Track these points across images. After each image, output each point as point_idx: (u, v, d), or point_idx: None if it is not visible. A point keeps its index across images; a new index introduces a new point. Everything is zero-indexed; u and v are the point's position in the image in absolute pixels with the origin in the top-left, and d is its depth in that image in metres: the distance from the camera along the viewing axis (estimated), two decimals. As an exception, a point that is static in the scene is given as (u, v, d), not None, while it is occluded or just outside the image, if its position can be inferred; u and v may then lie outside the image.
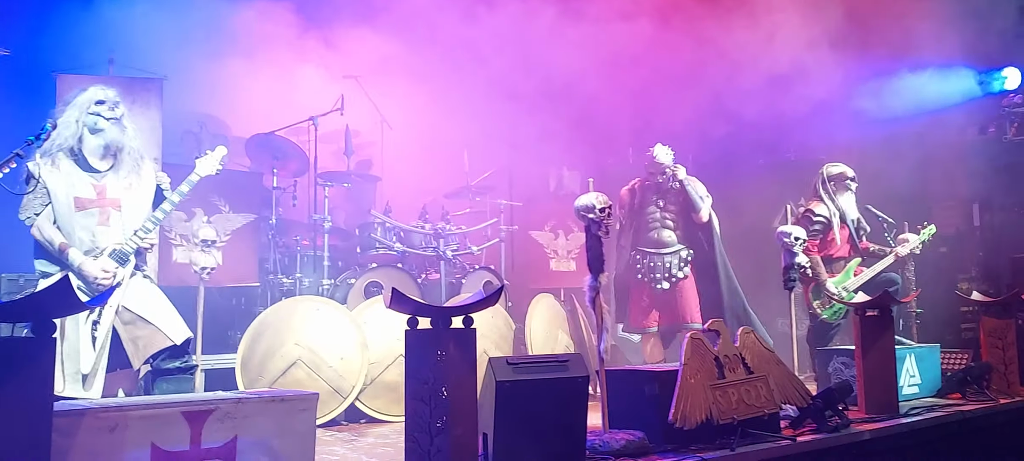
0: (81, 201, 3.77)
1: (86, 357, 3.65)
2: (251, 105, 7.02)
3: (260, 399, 3.14)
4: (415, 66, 7.80)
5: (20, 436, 2.31)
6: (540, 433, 3.48)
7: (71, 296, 2.49)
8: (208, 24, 6.90)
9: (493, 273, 6.43)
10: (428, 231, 6.26)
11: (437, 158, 7.71)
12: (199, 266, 4.82)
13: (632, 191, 6.10)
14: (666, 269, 5.89)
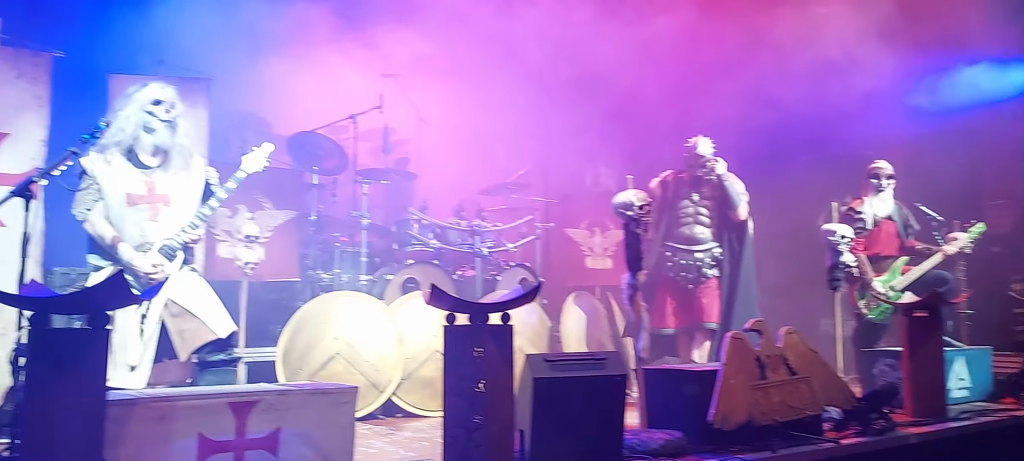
0: (132, 197, 3.87)
1: (134, 349, 3.74)
2: (293, 104, 7.13)
3: (302, 391, 3.21)
4: (452, 64, 7.85)
5: (76, 423, 2.40)
6: (577, 431, 3.49)
7: (125, 290, 2.57)
8: (252, 26, 7.02)
9: (528, 270, 6.45)
10: (464, 228, 6.30)
11: (473, 155, 7.75)
12: (242, 261, 4.92)
13: (664, 183, 5.86)
14: (696, 267, 5.71)
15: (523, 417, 3.47)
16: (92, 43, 5.92)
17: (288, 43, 7.37)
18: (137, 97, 3.94)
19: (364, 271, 6.00)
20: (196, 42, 6.21)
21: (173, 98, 4.01)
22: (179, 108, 4.02)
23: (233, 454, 2.97)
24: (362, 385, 4.85)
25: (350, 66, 7.56)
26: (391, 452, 4.05)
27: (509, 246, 6.49)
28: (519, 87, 7.49)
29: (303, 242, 6.24)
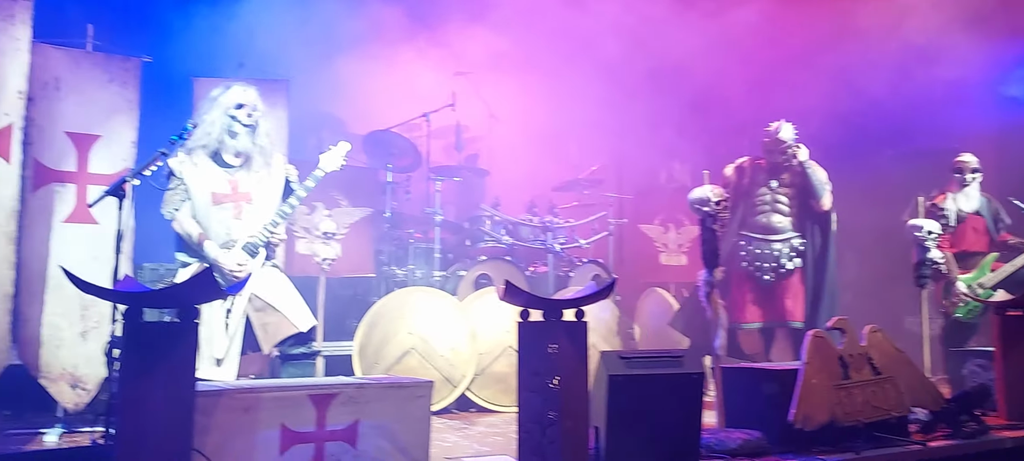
0: (217, 196, 4.00)
1: (220, 342, 3.86)
2: (367, 103, 7.25)
3: (380, 385, 3.27)
4: (524, 60, 7.86)
5: (168, 413, 2.49)
6: (653, 429, 3.45)
7: (213, 286, 2.65)
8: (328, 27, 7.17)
9: (602, 267, 6.42)
10: (536, 224, 6.31)
11: (545, 151, 7.75)
12: (320, 257, 5.04)
13: (740, 170, 5.50)
14: (774, 258, 5.34)
15: (598, 414, 3.45)
16: (177, 47, 6.14)
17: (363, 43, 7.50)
18: (221, 101, 4.06)
19: (437, 267, 6.07)
20: (275, 45, 6.38)
21: (255, 101, 4.12)
22: (260, 110, 4.13)
23: (314, 445, 3.05)
24: (436, 380, 4.89)
25: (423, 65, 7.65)
26: (465, 446, 4.08)
27: (582, 242, 6.47)
28: (592, 81, 7.44)
29: (378, 238, 6.34)
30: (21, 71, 4.29)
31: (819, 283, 5.36)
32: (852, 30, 6.95)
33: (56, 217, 4.53)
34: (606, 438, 3.44)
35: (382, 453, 3.20)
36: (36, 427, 4.43)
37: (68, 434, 4.26)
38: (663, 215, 7.28)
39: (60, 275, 4.25)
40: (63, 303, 4.50)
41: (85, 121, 4.69)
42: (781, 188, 5.41)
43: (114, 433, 2.73)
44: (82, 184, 4.63)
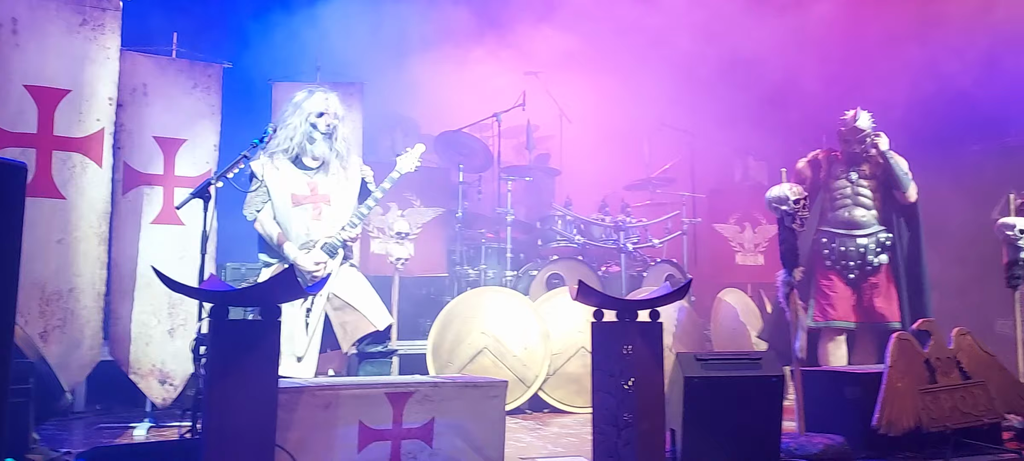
0: (297, 198, 4.09)
1: (300, 340, 3.95)
2: (439, 104, 7.32)
3: (455, 384, 3.29)
4: (594, 58, 7.83)
5: (252, 409, 2.56)
6: (731, 432, 3.40)
7: (294, 285, 2.72)
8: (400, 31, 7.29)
9: (675, 267, 6.34)
10: (608, 224, 6.27)
11: (616, 150, 7.70)
12: (394, 257, 5.10)
13: (815, 163, 5.19)
14: (859, 255, 5.00)
15: (674, 416, 3.41)
16: (255, 53, 6.33)
17: (434, 45, 7.60)
18: (304, 106, 4.14)
19: (509, 267, 6.09)
20: (349, 48, 6.51)
21: (336, 107, 4.19)
22: (339, 117, 4.20)
23: (391, 442, 3.10)
24: (509, 380, 4.91)
25: (493, 65, 7.69)
26: (539, 446, 4.08)
27: (655, 242, 6.40)
28: (664, 78, 7.35)
29: (450, 238, 6.40)
30: (111, 79, 4.48)
31: (915, 281, 5.01)
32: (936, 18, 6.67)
33: (144, 218, 4.72)
34: (682, 441, 3.40)
35: (457, 452, 3.22)
36: (125, 421, 4.62)
37: (156, 428, 4.42)
38: (738, 214, 7.14)
39: (149, 274, 4.43)
40: (152, 301, 4.68)
41: (171, 126, 4.87)
42: (862, 180, 5.10)
43: (201, 427, 2.81)
44: (169, 186, 4.81)
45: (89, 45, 4.40)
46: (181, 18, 5.93)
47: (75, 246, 4.30)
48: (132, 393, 5.00)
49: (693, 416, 3.38)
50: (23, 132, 4.21)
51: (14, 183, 2.56)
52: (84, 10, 4.39)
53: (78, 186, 4.33)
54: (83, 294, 4.30)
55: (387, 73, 6.81)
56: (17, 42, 4.22)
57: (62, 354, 4.22)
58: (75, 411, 4.85)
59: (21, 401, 3.17)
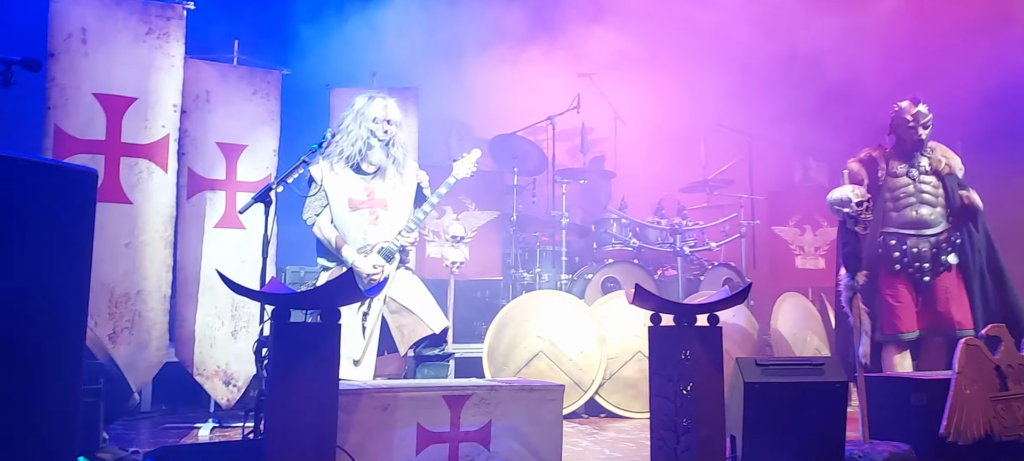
0: (354, 202, 4.14)
1: (357, 343, 4.00)
2: (493, 108, 7.34)
3: (511, 387, 3.29)
4: (649, 58, 7.75)
5: (313, 410, 2.59)
6: (792, 439, 3.32)
7: (354, 288, 2.75)
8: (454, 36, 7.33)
9: (734, 270, 6.24)
10: (664, 227, 6.20)
11: (672, 152, 7.62)
12: (450, 260, 5.12)
13: (870, 161, 4.86)
14: (931, 256, 4.69)
15: (734, 422, 3.36)
16: (312, 59, 6.43)
17: (488, 49, 7.62)
18: (364, 112, 4.19)
19: (564, 270, 6.07)
20: (404, 53, 6.58)
21: (395, 114, 4.23)
22: (397, 123, 4.24)
23: (448, 445, 3.11)
24: (565, 383, 4.90)
25: (547, 68, 7.68)
26: (596, 451, 4.06)
27: (712, 245, 6.31)
28: (720, 78, 7.24)
29: (504, 242, 6.41)
30: (175, 86, 4.61)
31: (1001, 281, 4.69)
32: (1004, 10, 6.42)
33: (208, 222, 4.84)
34: (743, 447, 3.33)
35: (514, 455, 3.22)
36: (190, 421, 4.74)
37: (219, 429, 4.51)
38: (798, 216, 6.99)
39: (213, 277, 4.54)
40: (215, 304, 4.79)
41: (233, 132, 4.98)
42: (923, 176, 4.81)
43: (264, 428, 2.87)
44: (231, 191, 4.92)
45: (154, 53, 4.53)
46: (241, 25, 6.06)
47: (142, 250, 4.42)
48: (196, 394, 5.13)
49: (754, 422, 3.32)
50: (92, 139, 4.36)
51: (86, 188, 2.65)
52: (150, 19, 4.52)
53: (144, 191, 4.45)
54: (150, 296, 4.43)
55: (442, 77, 6.87)
56: (86, 51, 4.36)
57: (130, 355, 4.35)
58: (142, 411, 4.99)
59: (92, 401, 3.27)
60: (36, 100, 4.30)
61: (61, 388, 2.53)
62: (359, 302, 3.94)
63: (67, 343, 2.57)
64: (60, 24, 4.30)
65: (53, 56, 4.28)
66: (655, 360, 3.30)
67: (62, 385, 2.54)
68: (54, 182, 2.55)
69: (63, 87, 4.30)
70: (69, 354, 2.58)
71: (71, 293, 2.57)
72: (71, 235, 2.58)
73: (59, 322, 2.53)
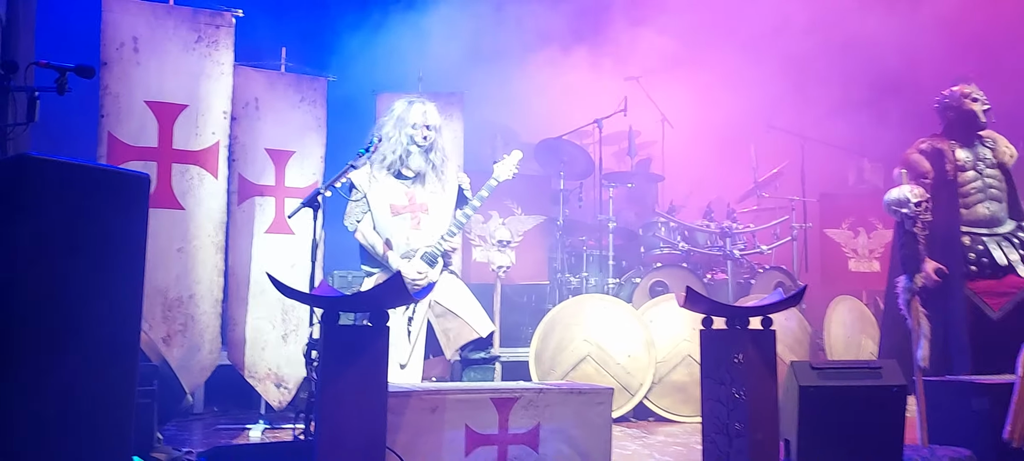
0: (395, 207, 4.15)
1: (402, 347, 4.00)
2: (539, 111, 7.33)
3: (560, 390, 3.26)
4: (696, 61, 7.67)
5: (362, 411, 2.60)
6: (849, 444, 3.23)
7: (403, 291, 2.75)
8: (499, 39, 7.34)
9: (785, 274, 6.12)
10: (714, 230, 6.11)
11: (721, 154, 7.50)
12: (496, 265, 5.12)
13: (933, 153, 4.44)
14: (1003, 256, 4.33)
15: (788, 426, 3.28)
16: (360, 66, 6.49)
17: (533, 53, 7.62)
18: (403, 117, 4.17)
19: (611, 274, 6.02)
20: (450, 58, 6.60)
21: (434, 119, 4.21)
22: (436, 128, 4.22)
23: (497, 447, 3.09)
24: (613, 387, 4.85)
25: (593, 71, 7.64)
26: (645, 455, 4.01)
27: (763, 248, 6.20)
28: (771, 79, 7.12)
29: (551, 246, 6.38)
30: (225, 93, 4.68)
31: None
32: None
33: (258, 227, 4.90)
34: (797, 452, 3.26)
35: (563, 458, 3.19)
36: (242, 423, 4.80)
37: (271, 430, 4.57)
38: (852, 218, 6.83)
39: (263, 281, 4.59)
40: (266, 308, 4.85)
41: (281, 138, 5.04)
42: (988, 169, 4.47)
43: (314, 429, 2.88)
44: (280, 197, 4.98)
45: (204, 61, 4.61)
46: (288, 32, 6.15)
47: (194, 254, 4.50)
48: (247, 396, 5.20)
49: (809, 426, 3.23)
50: (145, 146, 4.44)
51: (139, 193, 2.70)
52: (199, 27, 4.60)
53: (196, 197, 4.53)
54: (202, 300, 4.50)
55: (487, 82, 6.86)
56: (138, 60, 4.45)
57: (183, 358, 4.42)
58: (195, 413, 5.07)
59: (146, 402, 3.32)
60: (91, 109, 4.41)
61: (116, 389, 2.58)
62: (407, 305, 3.94)
63: (122, 345, 2.61)
64: (112, 34, 4.40)
65: (106, 65, 4.38)
66: (707, 363, 3.25)
67: (117, 386, 2.58)
68: (108, 187, 2.60)
69: (116, 95, 4.39)
70: (124, 356, 2.62)
71: (125, 295, 2.61)
72: (125, 238, 2.62)
73: (114, 324, 2.57)
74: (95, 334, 2.52)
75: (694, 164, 7.55)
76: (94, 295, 2.52)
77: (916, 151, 4.51)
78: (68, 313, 2.46)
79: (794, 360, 3.42)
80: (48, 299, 2.42)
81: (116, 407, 2.58)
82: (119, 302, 2.59)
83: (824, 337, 5.51)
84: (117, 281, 2.58)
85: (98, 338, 2.53)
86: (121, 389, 2.60)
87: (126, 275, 2.62)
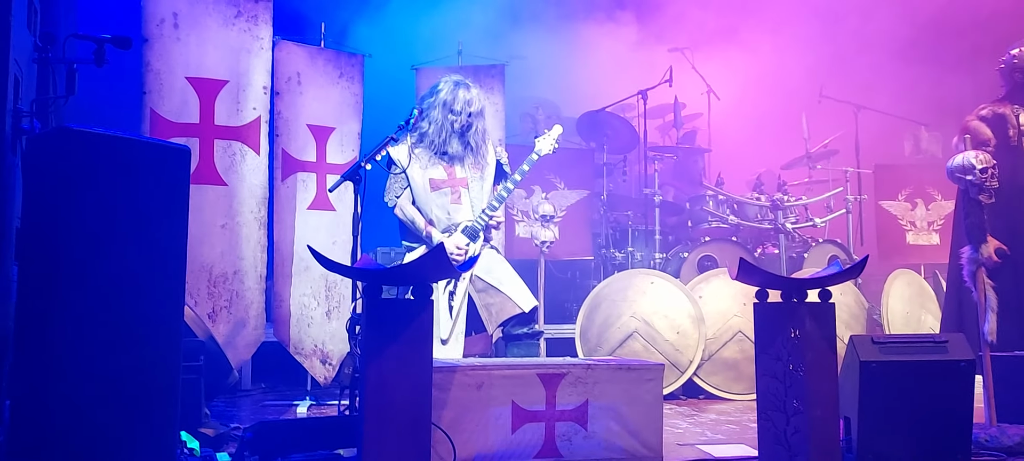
0: (435, 182, 4.08)
1: (444, 322, 3.95)
2: (581, 83, 7.20)
3: (608, 367, 3.18)
4: (742, 29, 7.46)
5: (407, 385, 2.54)
6: (913, 422, 3.13)
7: (446, 263, 2.68)
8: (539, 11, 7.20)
9: (840, 247, 5.93)
10: (764, 203, 5.93)
11: (770, 125, 7.30)
12: (540, 240, 5.04)
13: (994, 119, 4.27)
14: None
15: (848, 403, 3.17)
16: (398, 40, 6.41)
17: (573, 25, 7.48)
18: (447, 102, 4.06)
19: (658, 249, 5.89)
20: (490, 30, 6.49)
21: (477, 105, 4.10)
22: (477, 108, 4.12)
23: (544, 424, 3.03)
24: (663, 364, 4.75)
25: (636, 43, 7.48)
26: (697, 433, 3.90)
27: (816, 221, 6.00)
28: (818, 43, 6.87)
29: (595, 221, 6.27)
30: (265, 68, 4.64)
31: None
32: None
33: (300, 204, 4.86)
34: (858, 429, 3.14)
35: (613, 435, 3.11)
36: (288, 399, 4.80)
37: (317, 406, 4.56)
38: (909, 190, 6.58)
39: (307, 257, 4.57)
40: (310, 284, 4.82)
41: (321, 114, 4.99)
42: None
43: (359, 404, 2.83)
44: (321, 173, 4.94)
45: (244, 36, 4.57)
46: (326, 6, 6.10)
47: (237, 230, 4.48)
48: (293, 372, 5.20)
49: (870, 403, 3.12)
50: (187, 122, 4.42)
51: (179, 165, 2.66)
52: (238, 2, 4.56)
53: (238, 173, 4.51)
54: (246, 276, 4.49)
55: (528, 54, 6.75)
56: (178, 36, 4.43)
57: (229, 333, 4.42)
58: (242, 389, 5.08)
59: (193, 377, 3.31)
60: (134, 87, 4.40)
61: (160, 364, 2.56)
62: (449, 279, 3.87)
63: (165, 318, 2.59)
64: (152, 10, 4.38)
65: (147, 41, 4.36)
66: (762, 338, 3.13)
67: (161, 361, 2.56)
68: (149, 159, 2.57)
69: (157, 72, 4.37)
70: (167, 329, 2.60)
71: (168, 268, 2.59)
72: (167, 211, 2.59)
73: (157, 297, 2.55)
74: (138, 307, 2.49)
75: (741, 136, 7.36)
76: (136, 268, 2.49)
77: (976, 118, 4.33)
78: (111, 286, 2.44)
79: (856, 334, 3.28)
80: (91, 272, 2.40)
81: (161, 382, 2.56)
82: (161, 275, 2.56)
83: (882, 312, 5.31)
84: (159, 254, 2.55)
85: (141, 312, 2.50)
86: (166, 364, 2.58)
87: (168, 248, 2.59)
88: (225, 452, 3.21)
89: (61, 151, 2.40)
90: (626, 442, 3.12)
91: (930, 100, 6.80)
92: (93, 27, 3.11)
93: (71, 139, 2.41)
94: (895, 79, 6.74)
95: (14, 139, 2.66)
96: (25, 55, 2.93)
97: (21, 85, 2.83)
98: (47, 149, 2.46)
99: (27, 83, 2.96)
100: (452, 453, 2.85)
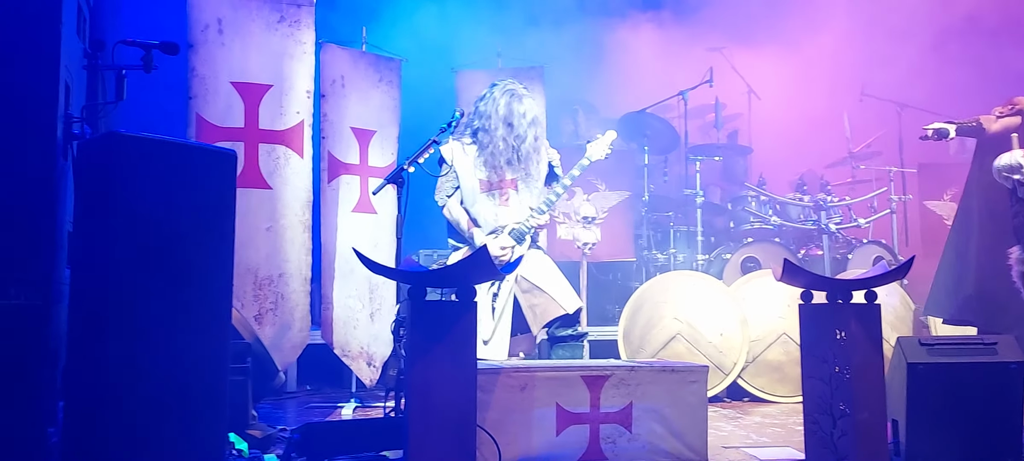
0: (484, 183, 4.09)
1: (486, 323, 3.96)
2: (622, 84, 7.17)
3: (652, 368, 3.18)
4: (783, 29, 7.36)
5: (451, 387, 2.56)
6: (962, 425, 3.09)
7: (489, 265, 2.70)
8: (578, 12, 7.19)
9: (884, 248, 5.83)
10: (807, 203, 5.87)
11: (813, 125, 7.20)
12: (581, 242, 5.02)
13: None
14: None
15: (896, 406, 3.13)
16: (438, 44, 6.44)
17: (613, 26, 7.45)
18: (503, 115, 4.03)
19: (700, 250, 5.85)
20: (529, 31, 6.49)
21: (529, 108, 4.08)
22: (531, 115, 4.08)
23: (589, 426, 3.03)
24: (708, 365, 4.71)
25: (676, 43, 7.43)
26: (741, 435, 3.87)
27: (860, 222, 5.92)
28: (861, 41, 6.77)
29: (636, 222, 6.25)
30: (308, 72, 4.69)
31: None
32: None
33: (344, 207, 4.91)
34: (907, 432, 3.10)
35: (657, 438, 3.11)
36: (334, 401, 4.86)
37: (362, 407, 4.61)
38: (955, 190, 6.44)
39: (352, 260, 4.61)
40: (354, 286, 4.86)
41: (363, 117, 5.05)
42: None
43: (404, 406, 2.86)
44: (364, 176, 4.99)
45: (287, 41, 4.62)
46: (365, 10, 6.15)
47: (282, 233, 4.54)
48: (339, 374, 5.27)
49: (918, 406, 3.08)
50: (231, 127, 4.49)
51: (226, 168, 2.72)
52: (281, 7, 4.62)
53: (283, 176, 4.57)
54: (292, 279, 4.54)
55: (566, 55, 6.74)
56: (223, 41, 4.50)
57: (275, 336, 4.47)
58: (288, 391, 5.16)
59: (240, 379, 3.36)
60: (180, 92, 4.48)
61: (209, 366, 2.61)
62: (492, 281, 3.89)
63: (214, 321, 2.64)
64: (197, 16, 4.46)
65: (192, 47, 4.44)
66: (807, 340, 3.11)
67: (210, 363, 2.61)
68: (196, 163, 2.62)
69: (203, 77, 4.45)
70: (216, 332, 2.65)
71: (216, 270, 2.64)
72: (214, 214, 2.64)
73: (205, 300, 2.60)
74: (187, 310, 2.54)
75: (783, 136, 7.27)
76: (185, 270, 2.54)
77: (1006, 112, 4.43)
78: (160, 289, 2.49)
79: (903, 336, 3.24)
80: (141, 274, 2.45)
81: (210, 383, 2.61)
82: (210, 277, 2.61)
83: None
84: (207, 256, 2.61)
85: (190, 314, 2.56)
86: (214, 365, 2.63)
87: (216, 250, 2.64)
88: (272, 453, 3.26)
89: (111, 156, 2.46)
90: (671, 444, 3.11)
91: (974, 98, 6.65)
92: (139, 33, 3.17)
93: (121, 144, 2.47)
94: (937, 77, 6.61)
95: (65, 144, 2.73)
96: (75, 62, 3.00)
97: (72, 91, 2.90)
98: (98, 154, 2.52)
99: (77, 89, 3.04)
100: (497, 455, 2.87)
